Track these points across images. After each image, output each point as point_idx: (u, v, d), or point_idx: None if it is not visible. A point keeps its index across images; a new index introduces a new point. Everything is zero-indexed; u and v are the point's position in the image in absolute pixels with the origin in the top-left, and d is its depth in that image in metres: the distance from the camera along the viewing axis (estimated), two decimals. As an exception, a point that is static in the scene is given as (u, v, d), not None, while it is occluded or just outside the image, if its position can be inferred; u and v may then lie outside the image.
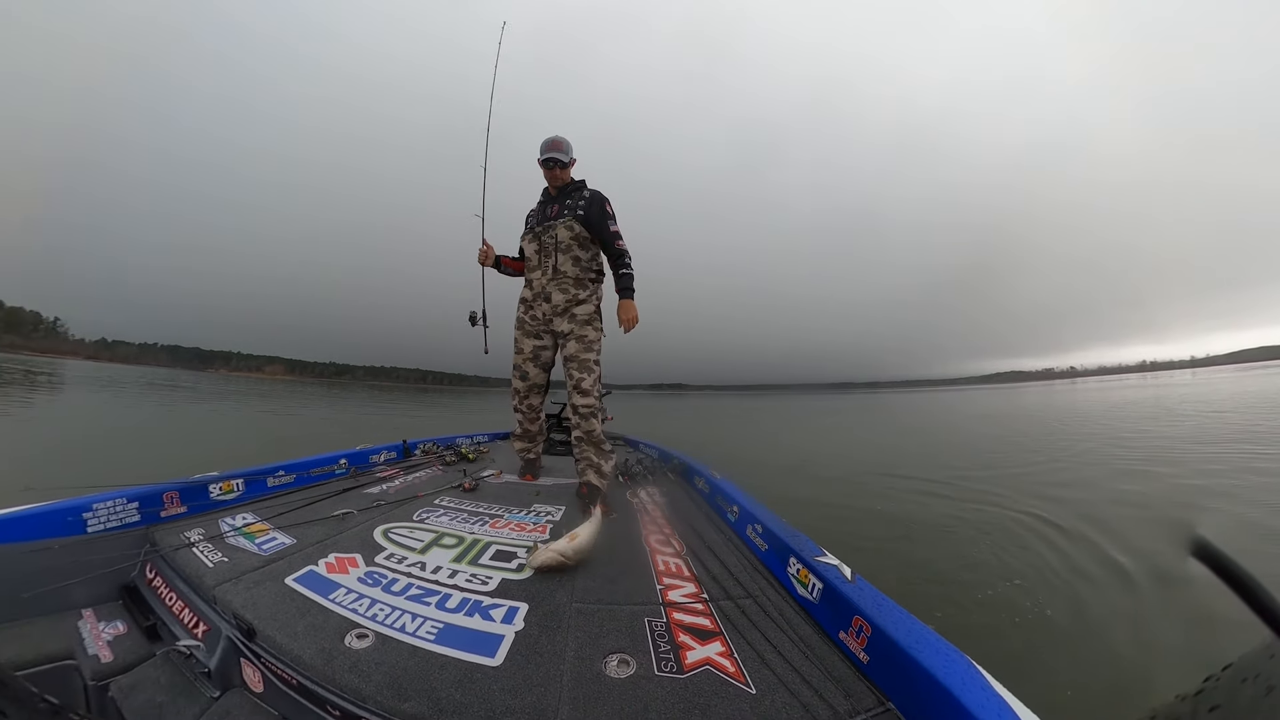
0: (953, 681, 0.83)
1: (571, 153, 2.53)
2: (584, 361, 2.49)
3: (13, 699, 0.48)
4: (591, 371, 2.49)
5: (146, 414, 14.18)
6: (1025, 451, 8.25)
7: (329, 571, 1.45)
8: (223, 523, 1.77)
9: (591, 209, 2.49)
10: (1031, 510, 4.52)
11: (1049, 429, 11.91)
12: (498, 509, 2.14)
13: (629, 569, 1.57)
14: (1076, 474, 6.25)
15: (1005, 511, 4.59)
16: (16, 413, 11.95)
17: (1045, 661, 2.31)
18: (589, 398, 2.46)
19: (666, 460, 3.18)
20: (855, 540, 3.98)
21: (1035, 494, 5.14)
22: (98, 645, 1.24)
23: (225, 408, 17.41)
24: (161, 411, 15.27)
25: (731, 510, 2.02)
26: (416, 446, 3.35)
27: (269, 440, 10.02)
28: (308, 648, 1.08)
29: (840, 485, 6.16)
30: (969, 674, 0.85)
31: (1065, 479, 5.92)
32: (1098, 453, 7.78)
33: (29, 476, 4.84)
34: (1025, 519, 4.33)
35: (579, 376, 2.48)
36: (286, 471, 2.33)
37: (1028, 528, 4.12)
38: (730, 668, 1.06)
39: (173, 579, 1.44)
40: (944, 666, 0.86)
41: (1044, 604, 2.79)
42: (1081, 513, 4.38)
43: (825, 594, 1.24)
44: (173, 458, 6.94)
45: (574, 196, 2.53)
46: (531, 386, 2.73)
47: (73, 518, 1.52)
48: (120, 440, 8.91)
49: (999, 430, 12.43)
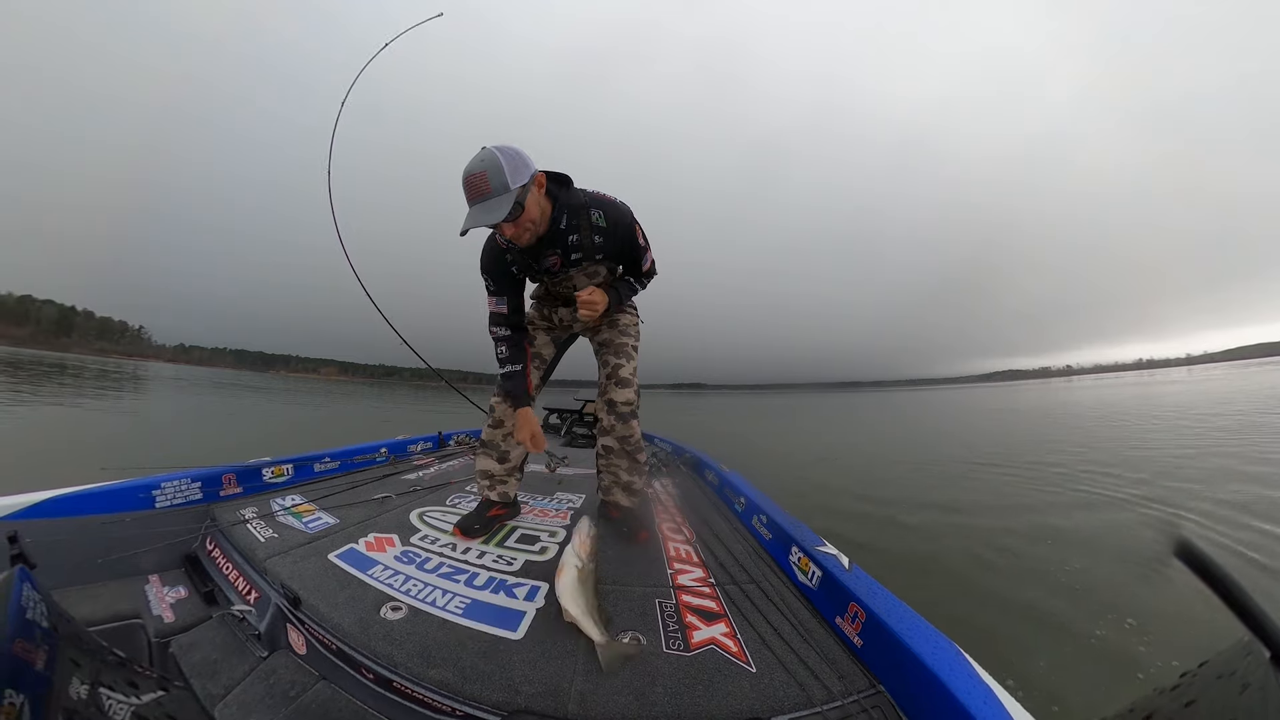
0: (941, 668, 0.85)
1: (522, 174, 1.36)
2: (620, 346, 1.86)
3: (86, 651, 0.54)
4: (630, 358, 1.85)
5: (235, 407, 15.52)
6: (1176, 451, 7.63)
7: (368, 549, 1.53)
8: (274, 503, 1.87)
9: (619, 242, 1.65)
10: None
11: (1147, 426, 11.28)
12: (523, 496, 2.19)
13: (643, 554, 1.62)
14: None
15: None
16: (126, 404, 13.36)
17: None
18: (628, 390, 1.79)
19: (679, 454, 3.27)
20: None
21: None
22: (161, 607, 1.33)
23: (300, 402, 18.63)
24: (244, 405, 16.62)
25: (739, 501, 2.06)
26: (451, 438, 3.52)
27: (335, 428, 10.83)
28: (347, 617, 1.15)
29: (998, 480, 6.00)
30: (957, 662, 0.86)
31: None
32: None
33: (127, 455, 5.23)
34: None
35: (616, 362, 1.82)
36: (332, 458, 2.45)
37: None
38: (733, 647, 1.09)
39: (229, 551, 1.54)
40: (933, 653, 0.89)
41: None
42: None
43: (824, 581, 1.27)
44: (247, 442, 7.56)
45: (580, 230, 1.60)
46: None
47: (143, 494, 1.65)
48: (203, 426, 9.83)
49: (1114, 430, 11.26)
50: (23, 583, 0.52)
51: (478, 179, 1.32)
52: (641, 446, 1.86)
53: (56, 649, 0.50)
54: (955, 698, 0.78)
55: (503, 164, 1.32)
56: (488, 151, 1.34)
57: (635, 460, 1.83)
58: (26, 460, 5.79)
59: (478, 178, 1.32)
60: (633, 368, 1.84)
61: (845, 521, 4.30)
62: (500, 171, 1.31)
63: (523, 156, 1.38)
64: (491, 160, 1.32)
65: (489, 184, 1.32)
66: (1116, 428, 10.78)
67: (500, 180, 1.31)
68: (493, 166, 1.31)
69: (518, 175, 1.34)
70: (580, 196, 1.57)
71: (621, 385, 1.80)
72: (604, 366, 1.87)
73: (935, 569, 3.23)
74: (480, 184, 1.32)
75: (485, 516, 1.78)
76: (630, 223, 1.63)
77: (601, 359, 1.90)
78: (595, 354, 1.96)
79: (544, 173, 1.47)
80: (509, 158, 1.34)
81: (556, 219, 1.53)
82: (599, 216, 1.58)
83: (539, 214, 1.46)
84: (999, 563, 3.27)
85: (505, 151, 1.34)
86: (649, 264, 1.79)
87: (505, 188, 1.32)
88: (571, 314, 1.89)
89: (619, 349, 1.85)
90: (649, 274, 1.85)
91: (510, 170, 1.32)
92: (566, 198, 1.54)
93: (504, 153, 1.34)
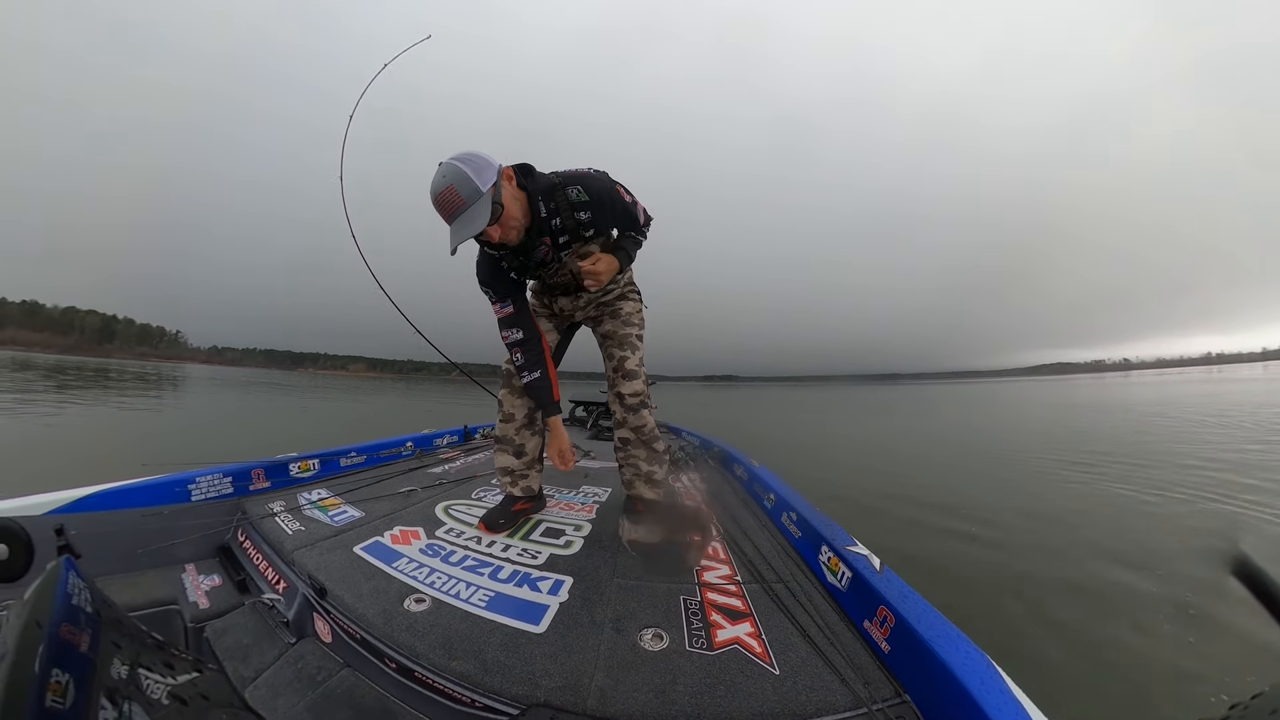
0: (971, 679, 0.80)
1: (488, 174, 1.33)
2: (624, 337, 1.84)
3: (126, 635, 0.57)
4: (635, 349, 1.84)
5: (273, 404, 16.04)
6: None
7: (393, 542, 1.55)
8: (301, 496, 1.93)
9: (605, 216, 1.57)
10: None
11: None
12: (549, 489, 2.20)
13: (669, 550, 1.59)
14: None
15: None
16: (165, 403, 14.03)
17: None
18: (635, 382, 1.80)
19: (707, 448, 3.20)
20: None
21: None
22: (197, 594, 1.39)
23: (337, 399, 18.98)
24: (280, 402, 17.17)
25: (768, 497, 2.02)
26: (477, 431, 3.55)
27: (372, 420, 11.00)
28: (371, 608, 1.17)
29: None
30: (988, 673, 0.82)
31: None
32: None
33: (165, 453, 5.42)
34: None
35: (621, 355, 1.82)
36: (358, 453, 2.50)
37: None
38: (757, 648, 1.07)
39: (259, 542, 1.59)
40: (963, 663, 0.84)
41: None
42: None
43: (854, 583, 1.23)
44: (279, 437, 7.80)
45: (561, 211, 1.53)
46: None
47: (179, 488, 1.71)
48: (240, 423, 10.16)
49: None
50: (68, 571, 0.56)
51: (447, 194, 1.29)
52: (657, 435, 1.85)
53: (99, 632, 0.52)
54: (983, 711, 0.75)
55: (467, 172, 1.29)
56: (447, 164, 1.31)
57: (653, 449, 1.82)
58: (74, 457, 6.08)
59: (447, 193, 1.29)
60: (638, 358, 1.83)
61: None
62: (467, 180, 1.29)
63: (483, 157, 1.35)
64: (454, 172, 1.30)
65: (460, 195, 1.29)
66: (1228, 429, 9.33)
67: (470, 188, 1.29)
68: (458, 177, 1.29)
69: (484, 177, 1.31)
70: (551, 178, 1.52)
71: (628, 378, 1.80)
72: (609, 359, 1.86)
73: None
74: (451, 198, 1.29)
75: (510, 511, 1.79)
76: (610, 185, 1.55)
77: (606, 352, 1.89)
78: (600, 346, 1.94)
79: (510, 167, 1.45)
80: (470, 163, 1.31)
81: (535, 208, 1.49)
82: (577, 192, 1.50)
83: (519, 208, 1.44)
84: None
85: (465, 159, 1.32)
86: (643, 216, 1.70)
87: (477, 193, 1.30)
88: (572, 302, 1.87)
89: (623, 340, 1.84)
90: (646, 224, 1.75)
91: (476, 174, 1.30)
92: (536, 184, 1.49)
93: (464, 160, 1.31)
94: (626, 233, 1.71)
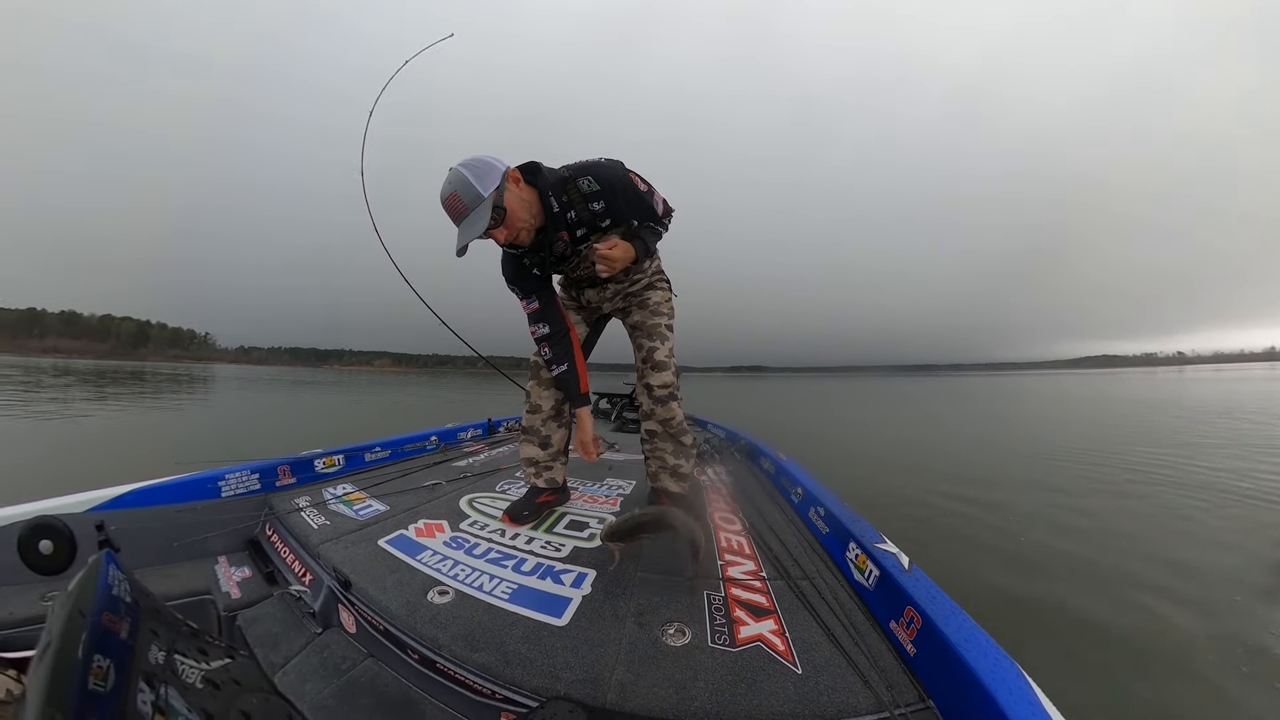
0: (998, 688, 0.77)
1: (491, 177, 1.37)
2: (653, 328, 1.82)
3: (163, 623, 0.60)
4: (665, 339, 1.82)
5: (306, 401, 16.49)
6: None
7: (417, 535, 1.58)
8: (326, 491, 1.97)
9: (619, 204, 1.56)
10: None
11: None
12: (573, 482, 2.20)
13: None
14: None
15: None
16: (198, 401, 14.57)
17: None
18: (665, 373, 1.78)
19: (734, 440, 3.16)
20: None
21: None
22: (229, 585, 1.44)
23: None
24: (310, 398, 17.62)
25: (795, 491, 1.99)
26: (501, 424, 3.57)
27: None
28: (395, 600, 1.19)
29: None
30: (1017, 683, 0.78)
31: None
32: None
33: (201, 450, 5.59)
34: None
35: (650, 346, 1.80)
36: (383, 448, 2.54)
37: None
38: (780, 646, 1.05)
39: (286, 536, 1.63)
40: (991, 670, 0.81)
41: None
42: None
43: (881, 581, 1.20)
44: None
45: (574, 204, 1.54)
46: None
47: (210, 485, 1.77)
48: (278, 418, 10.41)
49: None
50: (109, 564, 0.59)
51: (452, 200, 1.36)
52: (686, 429, 1.84)
53: (138, 621, 0.55)
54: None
55: (468, 178, 1.35)
56: (453, 171, 1.37)
57: (680, 443, 1.83)
58: (114, 455, 6.36)
59: (451, 199, 1.36)
60: (668, 349, 1.81)
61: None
62: (469, 186, 1.35)
63: (488, 161, 1.40)
64: (458, 178, 1.36)
65: (463, 201, 1.35)
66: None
67: (472, 194, 1.35)
68: (461, 184, 1.35)
69: (486, 181, 1.36)
70: (561, 172, 1.53)
71: (658, 369, 1.79)
72: (639, 350, 1.86)
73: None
74: (455, 204, 1.36)
75: (534, 503, 1.81)
76: (623, 174, 1.54)
77: (636, 342, 1.88)
78: (630, 337, 1.93)
79: (517, 167, 1.47)
80: (473, 169, 1.37)
81: (548, 204, 1.51)
82: (588, 183, 1.50)
83: (526, 210, 1.46)
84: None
85: (469, 165, 1.37)
86: (661, 206, 1.68)
87: (479, 198, 1.35)
88: (599, 294, 1.87)
89: (652, 331, 1.83)
90: (666, 215, 1.73)
91: (477, 179, 1.35)
92: (545, 180, 1.50)
93: (468, 166, 1.37)
94: (645, 223, 1.68)
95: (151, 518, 1.56)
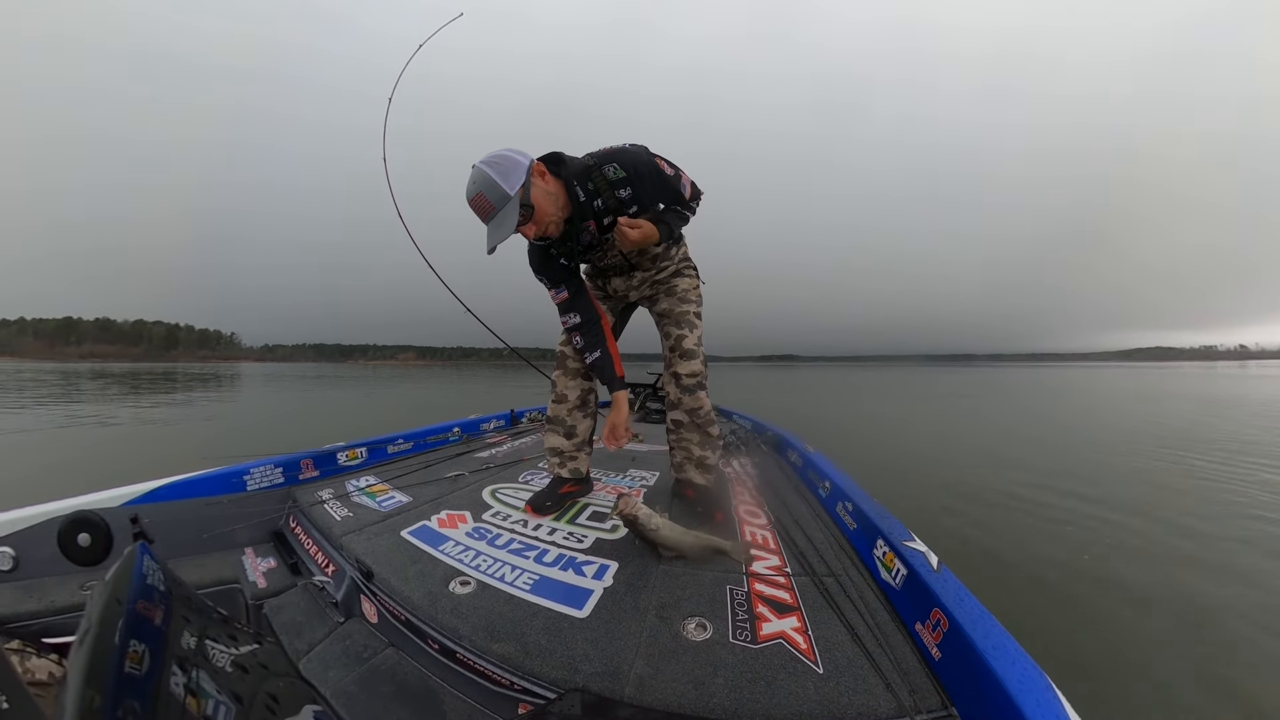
0: (1025, 699, 0.73)
1: (516, 175, 1.37)
2: (681, 315, 1.79)
3: (195, 610, 0.63)
4: (693, 327, 1.79)
5: (338, 397, 16.84)
6: None
7: (440, 526, 1.59)
8: (348, 484, 2.01)
9: (646, 189, 1.53)
10: None
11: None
12: (596, 472, 2.19)
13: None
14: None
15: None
16: (227, 400, 15.01)
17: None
18: (693, 361, 1.74)
19: (760, 432, 3.10)
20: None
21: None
22: (256, 574, 1.48)
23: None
24: (334, 394, 17.98)
25: (823, 486, 1.94)
26: (524, 415, 3.56)
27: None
28: (416, 590, 1.21)
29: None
30: (1045, 694, 0.75)
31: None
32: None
33: (223, 447, 5.78)
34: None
35: (678, 334, 1.77)
36: (405, 440, 2.56)
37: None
38: (803, 644, 1.03)
39: (309, 528, 1.67)
40: (1018, 679, 0.77)
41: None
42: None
43: (908, 581, 1.16)
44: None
45: (600, 192, 1.50)
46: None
47: (236, 479, 1.81)
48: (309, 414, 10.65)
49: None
50: (143, 555, 0.61)
51: (479, 200, 1.35)
52: (713, 419, 1.81)
53: (171, 608, 0.57)
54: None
55: (493, 176, 1.34)
56: (477, 170, 1.36)
57: (707, 434, 1.80)
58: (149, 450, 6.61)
59: (478, 199, 1.35)
60: (696, 337, 1.78)
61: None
62: (494, 185, 1.34)
63: (511, 157, 1.39)
64: (482, 178, 1.35)
65: (489, 200, 1.35)
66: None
67: (498, 193, 1.34)
68: (485, 183, 1.34)
69: (511, 179, 1.35)
70: (585, 160, 1.50)
71: (686, 357, 1.76)
72: (666, 338, 1.83)
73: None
74: (483, 204, 1.35)
75: (557, 494, 1.82)
76: (648, 158, 1.51)
77: (663, 330, 1.85)
78: (657, 325, 1.90)
79: (540, 159, 1.46)
80: (496, 166, 1.35)
81: (574, 194, 1.49)
82: (614, 169, 1.48)
83: (553, 204, 1.46)
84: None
85: (492, 163, 1.36)
86: (689, 189, 1.64)
87: (505, 197, 1.34)
88: (625, 282, 1.86)
89: (680, 319, 1.79)
90: (694, 198, 1.69)
91: (502, 177, 1.34)
92: (569, 170, 1.48)
93: (490, 165, 1.36)
94: (671, 206, 1.65)
95: (182, 510, 1.60)
